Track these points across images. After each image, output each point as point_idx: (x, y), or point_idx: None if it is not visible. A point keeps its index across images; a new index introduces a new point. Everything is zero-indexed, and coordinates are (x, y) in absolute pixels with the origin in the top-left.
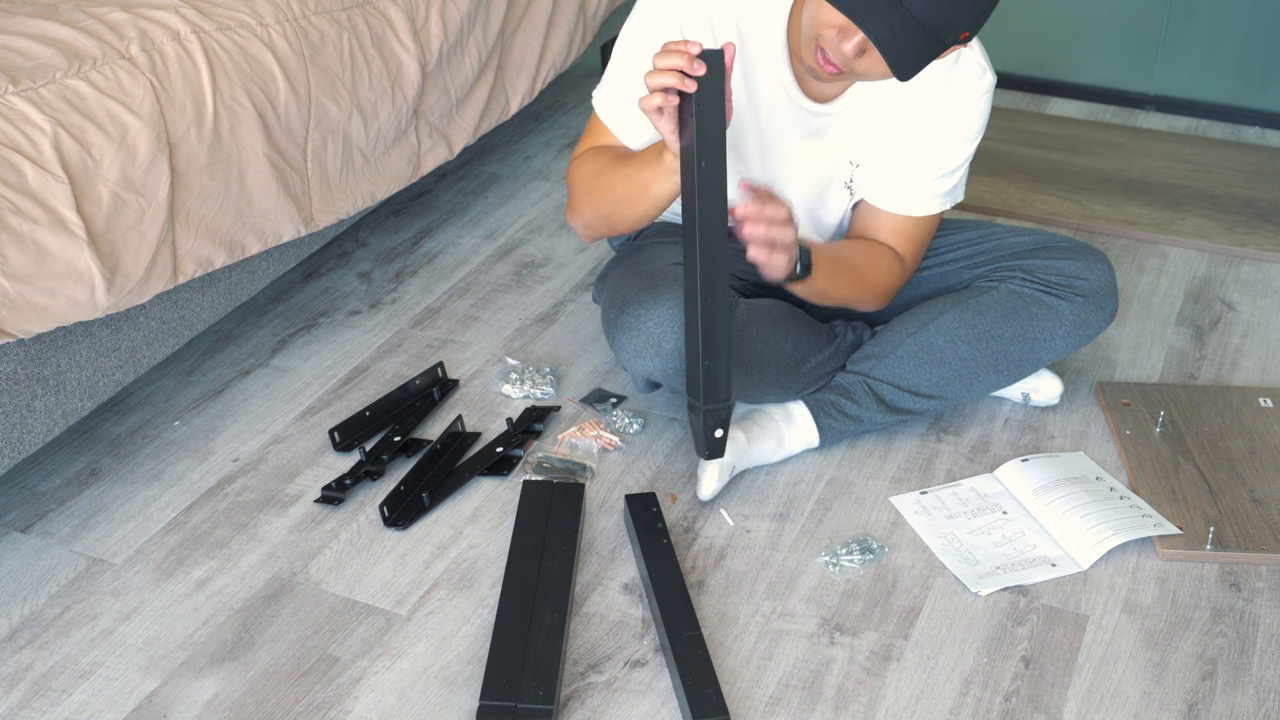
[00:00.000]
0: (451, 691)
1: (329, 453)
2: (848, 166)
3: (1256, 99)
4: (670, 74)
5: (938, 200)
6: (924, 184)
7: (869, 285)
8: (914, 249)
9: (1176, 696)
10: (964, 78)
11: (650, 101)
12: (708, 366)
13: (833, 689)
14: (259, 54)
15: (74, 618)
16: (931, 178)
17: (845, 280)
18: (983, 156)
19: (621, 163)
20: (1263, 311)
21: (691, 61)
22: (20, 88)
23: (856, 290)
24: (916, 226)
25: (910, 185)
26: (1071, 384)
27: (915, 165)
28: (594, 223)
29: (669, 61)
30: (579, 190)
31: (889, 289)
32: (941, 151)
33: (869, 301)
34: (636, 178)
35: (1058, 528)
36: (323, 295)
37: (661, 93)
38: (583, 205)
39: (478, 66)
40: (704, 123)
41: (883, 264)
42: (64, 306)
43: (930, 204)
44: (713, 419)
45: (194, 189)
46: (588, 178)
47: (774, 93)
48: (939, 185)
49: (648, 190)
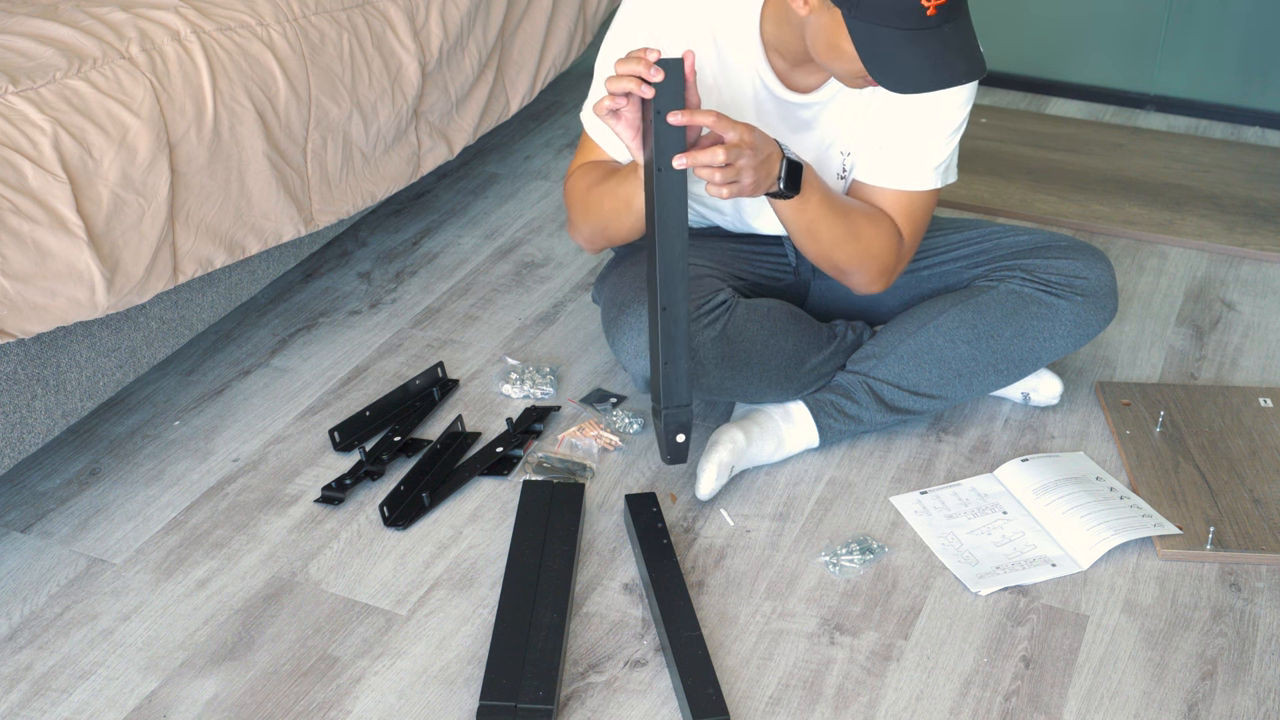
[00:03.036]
0: (451, 691)
1: (329, 453)
2: (839, 157)
3: (1256, 99)
4: (628, 79)
5: (933, 174)
6: (918, 156)
7: (865, 243)
8: (913, 228)
9: (1176, 696)
10: None
11: (603, 105)
12: (667, 370)
13: (833, 689)
14: (259, 54)
15: (74, 618)
16: (925, 149)
17: (840, 226)
18: (983, 156)
19: (607, 178)
20: (1263, 311)
21: (649, 68)
22: (20, 88)
23: (851, 243)
24: (914, 202)
25: (905, 159)
26: (1071, 384)
27: (907, 140)
28: (592, 236)
29: (628, 68)
30: (574, 207)
31: (886, 260)
32: (931, 123)
33: (865, 270)
34: (620, 191)
35: (1058, 528)
36: (323, 295)
37: (621, 97)
38: (579, 220)
39: (478, 66)
40: (662, 128)
41: (883, 227)
42: (64, 306)
43: (926, 178)
44: (673, 422)
45: (194, 189)
46: (580, 194)
47: (756, 91)
48: (933, 157)
49: (631, 204)
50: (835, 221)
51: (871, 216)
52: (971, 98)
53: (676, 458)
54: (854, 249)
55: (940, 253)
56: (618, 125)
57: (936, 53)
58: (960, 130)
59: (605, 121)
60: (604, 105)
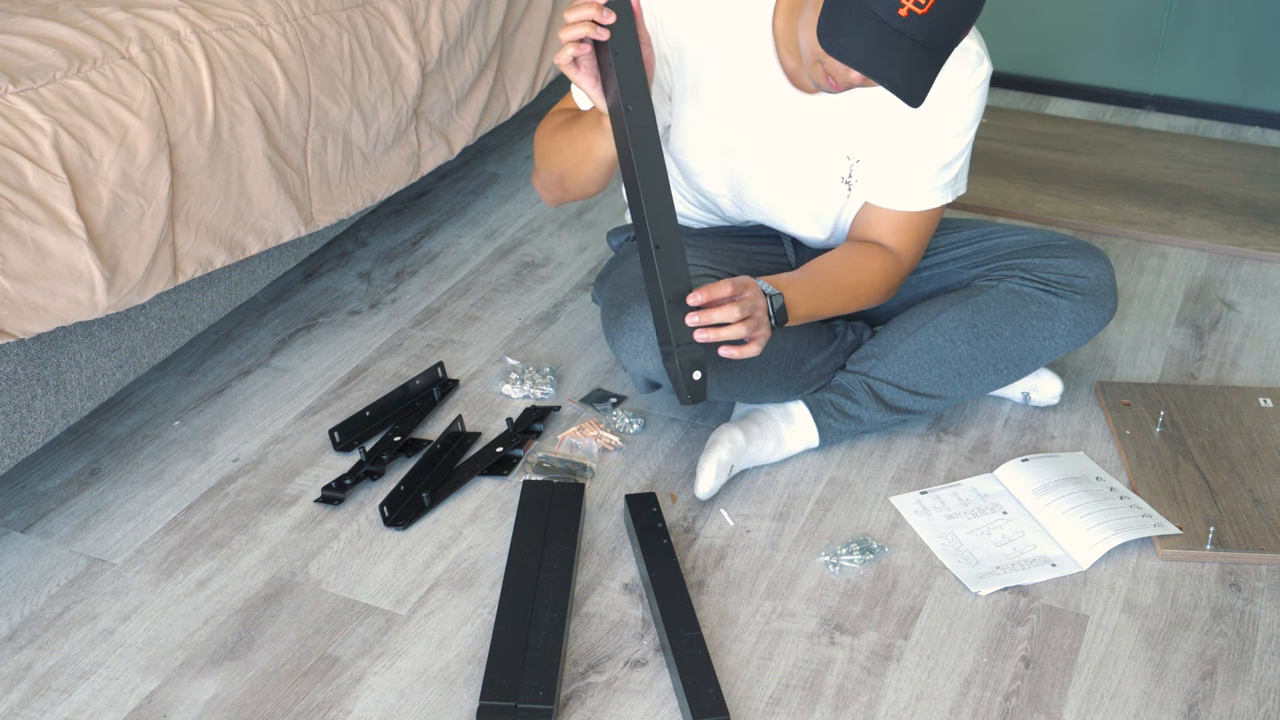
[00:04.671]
0: (451, 691)
1: (329, 453)
2: (845, 161)
3: (1256, 99)
4: (581, 25)
5: (937, 194)
6: (922, 178)
7: (861, 291)
8: (913, 245)
9: (1176, 696)
10: (960, 69)
11: (564, 55)
12: (671, 309)
13: (833, 689)
14: (259, 54)
15: (74, 618)
16: (929, 171)
17: (831, 299)
18: (983, 156)
19: (569, 126)
20: (1263, 311)
21: (600, 11)
22: (20, 88)
23: (848, 300)
24: (916, 222)
25: (908, 180)
26: (1071, 384)
27: (912, 159)
28: (550, 184)
29: (579, 14)
30: (537, 152)
31: (884, 287)
32: (937, 144)
33: (867, 303)
34: (580, 141)
35: (1058, 528)
36: (323, 295)
37: (575, 44)
38: (540, 165)
39: (478, 66)
40: (623, 68)
41: (870, 266)
42: (64, 306)
43: (929, 198)
44: (687, 358)
45: (194, 189)
46: (543, 139)
47: (763, 85)
48: (937, 179)
49: (591, 153)
50: (823, 300)
51: (854, 261)
52: (977, 121)
53: (696, 396)
54: (848, 301)
55: (939, 252)
56: (578, 75)
57: (881, 47)
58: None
59: (566, 73)
60: (564, 55)
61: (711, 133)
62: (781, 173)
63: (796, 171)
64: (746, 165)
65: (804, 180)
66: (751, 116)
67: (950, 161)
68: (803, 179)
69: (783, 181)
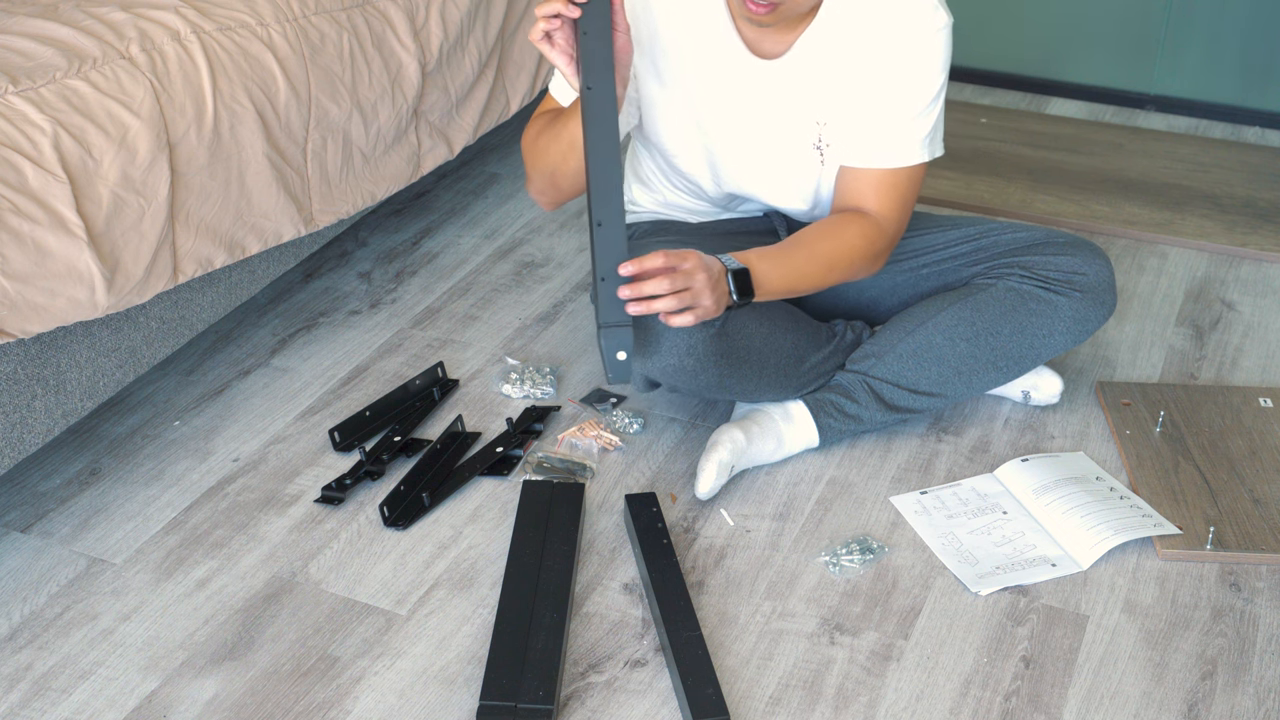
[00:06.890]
0: (451, 691)
1: (329, 453)
2: (814, 126)
3: (1256, 99)
4: (555, 1)
5: (913, 149)
6: (895, 131)
7: (840, 259)
8: (895, 207)
9: (1176, 696)
10: (916, 18)
11: (536, 29)
12: (604, 286)
13: (833, 689)
14: (259, 54)
15: (74, 618)
16: (901, 123)
17: (807, 268)
18: (983, 156)
19: (553, 123)
20: (1263, 311)
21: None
22: (20, 88)
23: (826, 268)
24: (894, 180)
25: (881, 135)
26: (1071, 384)
27: (883, 114)
28: (543, 187)
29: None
30: (526, 157)
31: (868, 254)
32: (906, 94)
33: (851, 272)
34: (564, 133)
35: (1058, 528)
36: (323, 295)
37: (546, 19)
38: (530, 170)
39: (478, 66)
40: (589, 47)
41: (849, 232)
42: (64, 306)
43: (905, 153)
44: (612, 338)
45: (194, 189)
46: (530, 142)
47: (723, 56)
48: (911, 131)
49: (576, 142)
50: (798, 271)
51: (831, 230)
52: (944, 69)
53: (619, 376)
54: (827, 271)
55: (938, 250)
56: (552, 52)
57: None
58: (939, 99)
59: (540, 49)
60: (536, 30)
61: (682, 111)
62: (752, 143)
63: (766, 140)
64: (718, 139)
65: (775, 149)
66: (717, 89)
67: (923, 111)
68: (774, 148)
69: (755, 152)
